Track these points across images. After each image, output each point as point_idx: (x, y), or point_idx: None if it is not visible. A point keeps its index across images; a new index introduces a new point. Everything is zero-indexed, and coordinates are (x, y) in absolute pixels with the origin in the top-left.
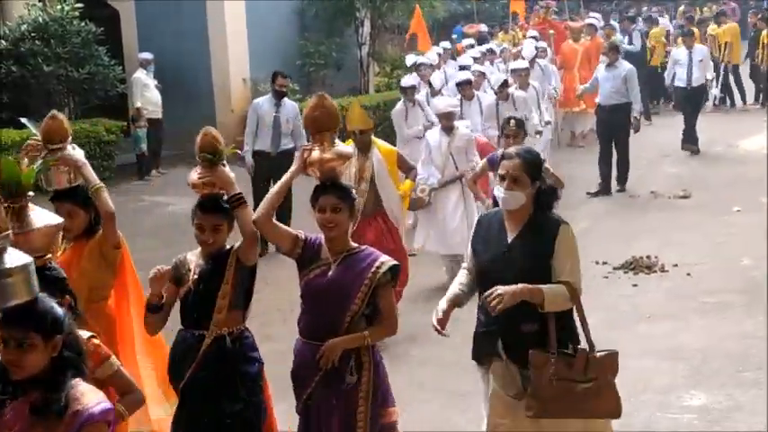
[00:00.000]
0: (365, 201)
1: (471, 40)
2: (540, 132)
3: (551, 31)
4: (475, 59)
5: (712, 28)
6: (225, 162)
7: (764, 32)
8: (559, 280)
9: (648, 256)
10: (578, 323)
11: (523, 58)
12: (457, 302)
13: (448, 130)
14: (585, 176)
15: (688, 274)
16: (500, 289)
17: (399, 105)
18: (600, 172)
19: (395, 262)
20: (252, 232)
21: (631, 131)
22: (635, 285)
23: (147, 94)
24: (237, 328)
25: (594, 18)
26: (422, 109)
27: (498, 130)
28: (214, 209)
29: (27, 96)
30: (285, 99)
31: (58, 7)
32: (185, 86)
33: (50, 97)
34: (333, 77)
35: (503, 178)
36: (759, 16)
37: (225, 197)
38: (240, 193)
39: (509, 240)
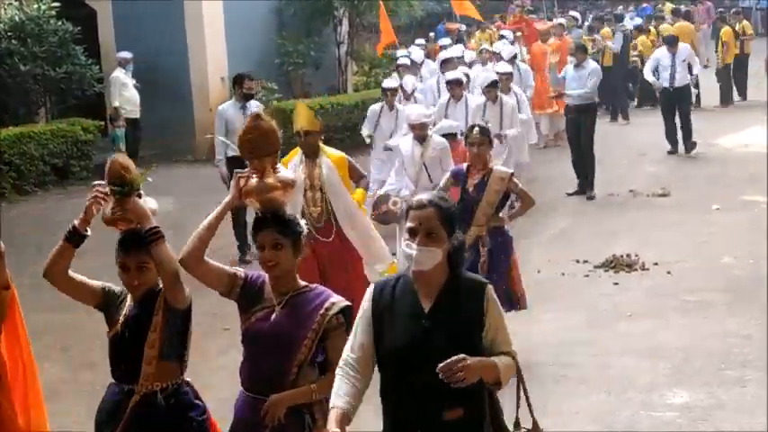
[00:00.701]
0: (318, 212)
1: (448, 40)
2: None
3: (518, 33)
4: (458, 59)
5: (664, 27)
6: (141, 192)
7: (722, 31)
8: (501, 351)
9: (629, 255)
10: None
11: (504, 60)
12: (348, 420)
13: (421, 139)
14: (563, 176)
15: (668, 273)
16: (468, 360)
17: (376, 106)
18: (576, 173)
19: (346, 303)
20: (172, 272)
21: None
22: (616, 284)
23: (125, 93)
24: (172, 383)
25: (572, 17)
26: (397, 116)
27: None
28: (137, 246)
29: (4, 95)
30: (251, 101)
31: (35, 6)
32: (163, 86)
33: (27, 96)
34: (311, 76)
35: (412, 232)
36: (717, 15)
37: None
38: (156, 228)
39: (426, 309)
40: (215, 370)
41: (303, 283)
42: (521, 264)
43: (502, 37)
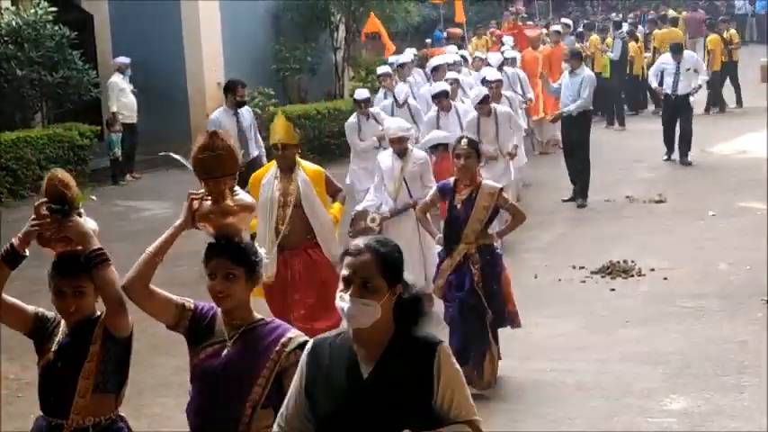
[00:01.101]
0: (291, 228)
1: (454, 47)
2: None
3: (509, 39)
4: (449, 65)
5: (655, 33)
6: (81, 210)
7: (708, 39)
8: (458, 421)
9: (625, 261)
10: None
11: (491, 65)
12: None
13: (401, 153)
14: (559, 182)
15: (665, 279)
16: None
17: (352, 118)
18: (571, 180)
19: (305, 338)
20: (116, 298)
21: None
22: (612, 290)
23: (123, 98)
24: (106, 417)
25: (564, 24)
26: (377, 121)
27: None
28: (73, 269)
29: (1, 100)
30: (243, 108)
31: (32, 11)
32: (160, 91)
33: (24, 101)
34: (308, 82)
35: (346, 282)
36: (705, 22)
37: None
38: (101, 250)
39: (365, 375)
40: None
41: (258, 315)
42: (517, 269)
43: (502, 43)
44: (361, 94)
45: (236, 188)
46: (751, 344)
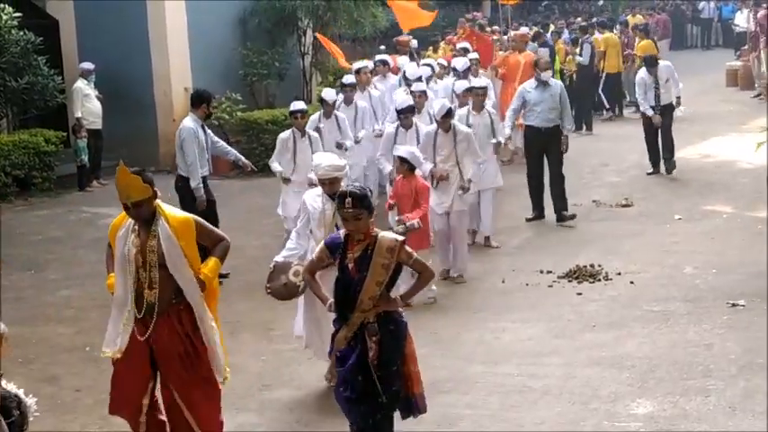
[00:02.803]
0: (158, 294)
1: (406, 58)
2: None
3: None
4: (417, 80)
5: (595, 38)
6: None
7: (605, 37)
8: None
9: (592, 265)
10: None
11: (459, 71)
12: None
13: (332, 194)
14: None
15: (631, 283)
16: None
17: (314, 116)
18: (533, 199)
19: None
20: None
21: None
22: (579, 294)
23: (87, 104)
24: None
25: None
26: (339, 126)
27: (433, 162)
28: None
29: None
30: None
31: None
32: (127, 96)
33: None
34: (275, 87)
35: None
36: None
37: None
38: None
39: None
40: None
41: None
42: (484, 274)
43: (465, 51)
44: (297, 105)
45: None
46: (716, 347)
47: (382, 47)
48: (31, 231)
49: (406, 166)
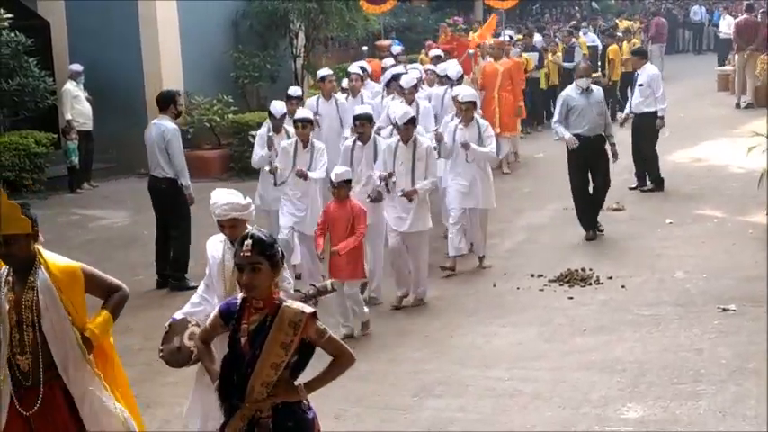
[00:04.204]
0: (31, 362)
1: (391, 60)
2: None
3: (441, 53)
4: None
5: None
6: None
7: (609, 49)
8: None
9: (584, 269)
10: None
11: (452, 79)
12: None
13: (235, 239)
14: (516, 191)
15: (622, 287)
16: None
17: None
18: (583, 220)
19: None
20: None
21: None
22: (570, 298)
23: (77, 106)
24: None
25: (509, 36)
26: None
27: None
28: None
29: None
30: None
31: None
32: (118, 98)
33: None
34: (267, 90)
35: None
36: (605, 32)
37: None
38: None
39: None
40: None
41: None
42: (475, 277)
43: (438, 57)
44: (277, 105)
45: None
46: (707, 352)
47: (365, 48)
48: None
49: (345, 188)
